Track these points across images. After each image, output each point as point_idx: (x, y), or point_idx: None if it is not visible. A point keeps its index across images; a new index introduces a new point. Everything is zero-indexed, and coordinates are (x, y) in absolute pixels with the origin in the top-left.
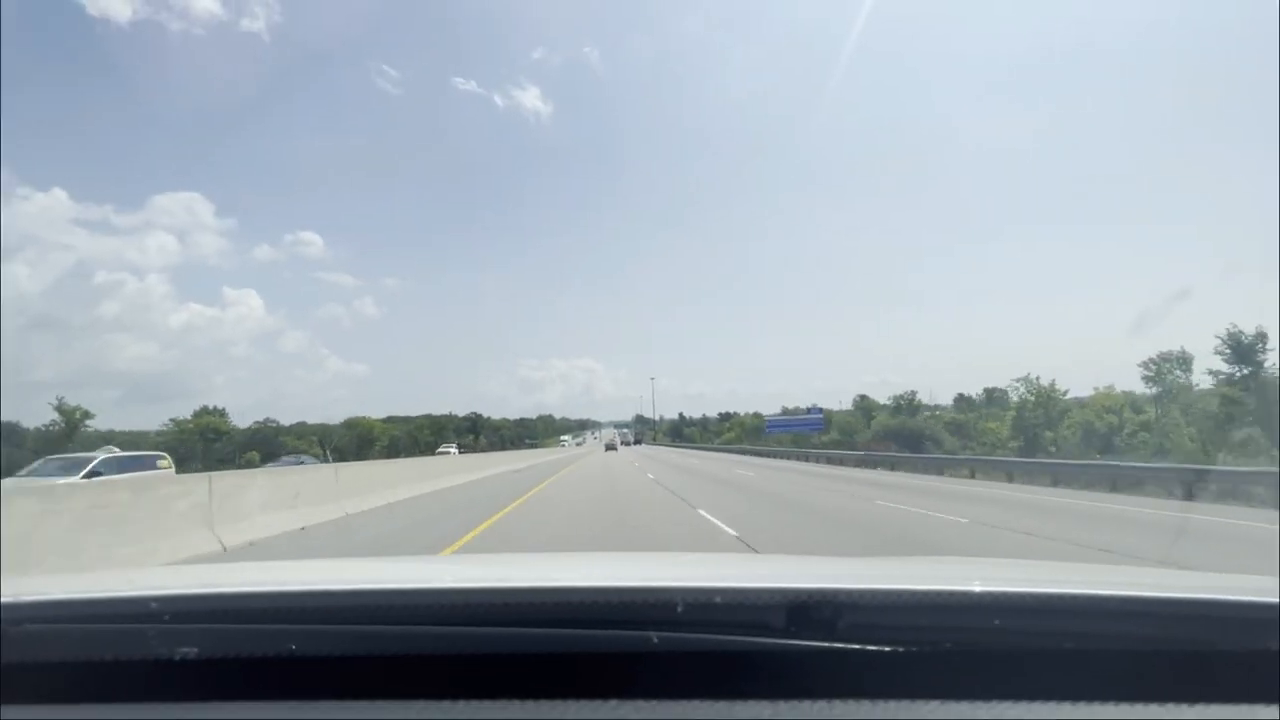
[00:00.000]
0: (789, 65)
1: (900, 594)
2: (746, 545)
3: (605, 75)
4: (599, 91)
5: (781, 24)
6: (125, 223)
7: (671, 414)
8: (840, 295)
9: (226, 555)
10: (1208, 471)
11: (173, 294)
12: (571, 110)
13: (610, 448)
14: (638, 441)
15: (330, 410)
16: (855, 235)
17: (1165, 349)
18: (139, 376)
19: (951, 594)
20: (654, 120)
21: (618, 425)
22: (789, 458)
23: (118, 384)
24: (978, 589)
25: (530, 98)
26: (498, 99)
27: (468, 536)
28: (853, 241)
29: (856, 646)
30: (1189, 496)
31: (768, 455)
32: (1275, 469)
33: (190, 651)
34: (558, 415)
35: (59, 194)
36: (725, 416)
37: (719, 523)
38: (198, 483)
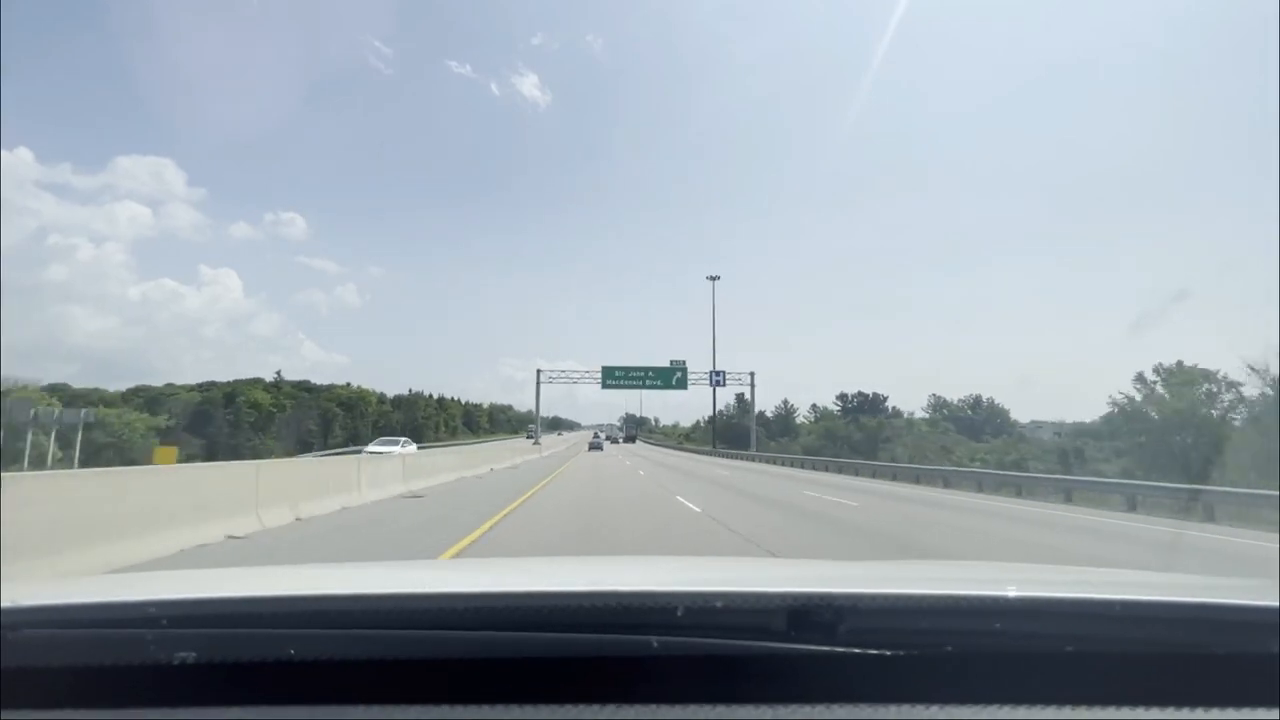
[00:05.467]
0: (798, 70)
1: (900, 598)
2: None
3: (608, 66)
4: (601, 82)
5: (796, 30)
6: (90, 187)
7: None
8: (825, 307)
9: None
10: None
11: (138, 266)
12: (571, 101)
13: (595, 447)
14: (630, 439)
15: None
16: (846, 246)
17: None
18: (96, 352)
19: (952, 598)
20: (656, 116)
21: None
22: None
23: (76, 358)
24: (978, 592)
25: (528, 85)
26: (494, 86)
27: None
28: (842, 253)
29: (857, 650)
30: None
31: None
32: None
33: (188, 656)
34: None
35: (24, 153)
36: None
37: None
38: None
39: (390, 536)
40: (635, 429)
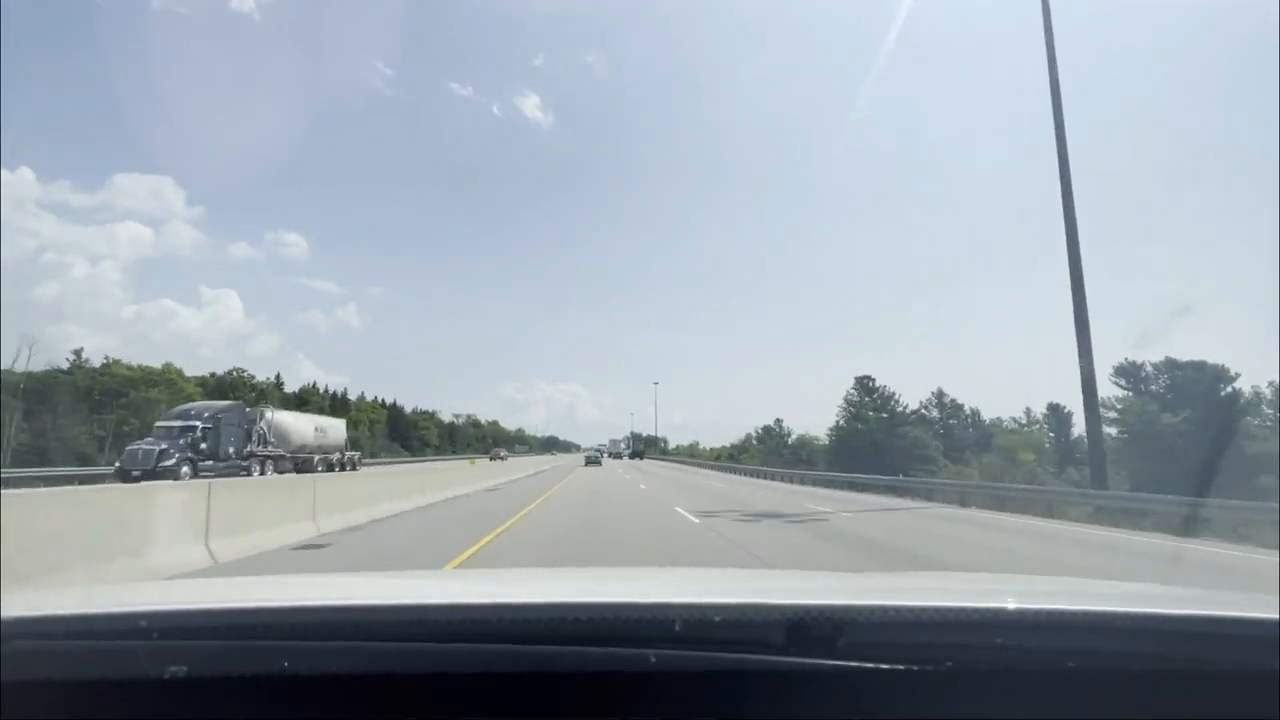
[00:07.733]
0: (802, 91)
1: (900, 611)
2: None
3: (610, 85)
4: (604, 102)
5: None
6: (88, 205)
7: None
8: (832, 330)
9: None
10: None
11: (136, 285)
12: (573, 121)
13: (592, 461)
14: (636, 455)
15: None
16: (854, 270)
17: None
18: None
19: (952, 611)
20: (659, 134)
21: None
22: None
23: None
24: (979, 606)
25: (530, 106)
26: (496, 108)
27: None
28: (851, 276)
29: (856, 664)
30: None
31: None
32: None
33: (180, 670)
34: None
35: (25, 173)
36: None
37: None
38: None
39: None
40: (643, 446)
